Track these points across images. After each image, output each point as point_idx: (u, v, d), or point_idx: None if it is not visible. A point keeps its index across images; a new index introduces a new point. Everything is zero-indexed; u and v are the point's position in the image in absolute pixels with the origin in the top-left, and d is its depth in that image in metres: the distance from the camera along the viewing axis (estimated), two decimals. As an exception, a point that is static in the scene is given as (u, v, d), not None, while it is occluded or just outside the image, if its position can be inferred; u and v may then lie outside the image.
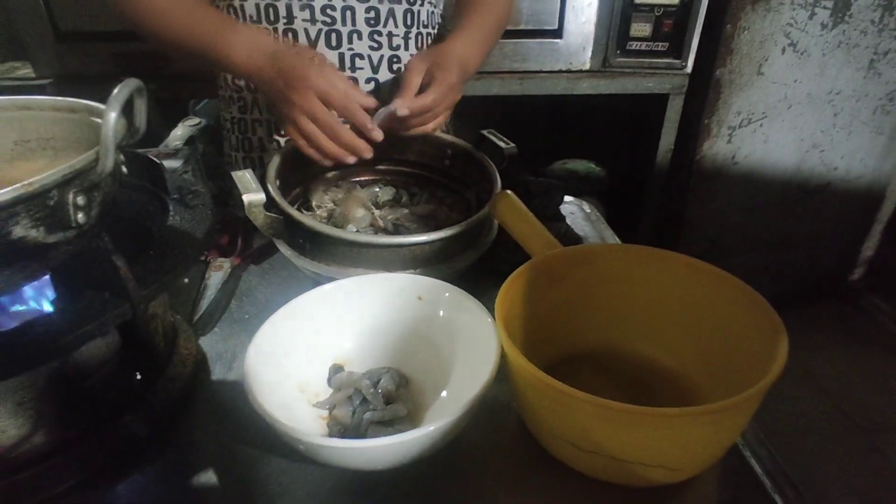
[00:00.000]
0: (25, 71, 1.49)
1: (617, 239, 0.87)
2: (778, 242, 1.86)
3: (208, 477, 0.48)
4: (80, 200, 0.41)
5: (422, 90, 0.71)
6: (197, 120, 1.48)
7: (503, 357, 0.45)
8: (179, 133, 1.43)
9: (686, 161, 1.61)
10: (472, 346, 0.50)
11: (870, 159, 1.75)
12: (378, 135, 0.69)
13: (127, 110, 0.44)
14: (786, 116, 1.60)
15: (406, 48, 0.86)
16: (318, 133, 0.67)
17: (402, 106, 0.69)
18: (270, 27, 0.80)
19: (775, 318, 0.45)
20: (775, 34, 1.45)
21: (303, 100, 0.65)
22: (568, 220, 0.85)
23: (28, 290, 0.43)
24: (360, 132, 0.69)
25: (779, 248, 1.87)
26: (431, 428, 0.40)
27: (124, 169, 0.48)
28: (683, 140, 1.58)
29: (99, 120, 0.50)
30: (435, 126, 0.75)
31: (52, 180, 0.38)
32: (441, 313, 0.54)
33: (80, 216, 0.41)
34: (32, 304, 0.43)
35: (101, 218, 0.44)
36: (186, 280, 0.70)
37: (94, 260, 0.41)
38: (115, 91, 0.41)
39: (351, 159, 0.69)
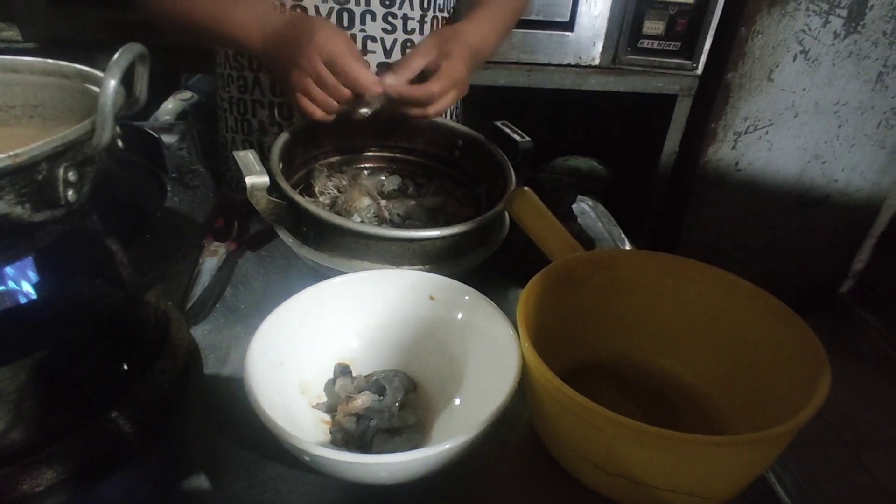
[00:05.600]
0: (9, 34, 1.42)
1: (627, 240, 0.85)
2: (772, 251, 1.85)
3: (199, 481, 0.44)
4: (72, 176, 0.37)
5: (424, 76, 0.67)
6: (189, 94, 1.41)
7: (523, 368, 0.43)
8: (170, 107, 1.37)
9: (690, 165, 1.59)
10: (488, 353, 0.47)
11: (869, 173, 1.74)
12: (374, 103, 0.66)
13: (125, 78, 0.40)
14: (791, 125, 1.58)
15: (421, 32, 0.82)
16: (326, 98, 0.65)
17: (389, 83, 0.65)
18: (277, 1, 0.76)
19: (815, 341, 0.42)
20: (788, 40, 1.44)
21: (313, 65, 0.63)
22: (578, 220, 0.82)
23: (10, 273, 0.38)
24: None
25: (773, 257, 1.87)
26: (449, 445, 0.37)
27: (120, 143, 0.43)
28: (688, 143, 1.56)
29: (93, 88, 0.46)
30: (435, 114, 0.71)
31: (42, 152, 0.34)
32: (458, 316, 0.51)
33: (71, 193, 0.37)
34: (15, 288, 0.39)
35: (94, 196, 0.40)
36: (178, 264, 0.66)
37: (85, 242, 0.37)
38: (116, 56, 0.37)
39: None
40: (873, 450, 1.53)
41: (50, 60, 0.47)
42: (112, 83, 0.35)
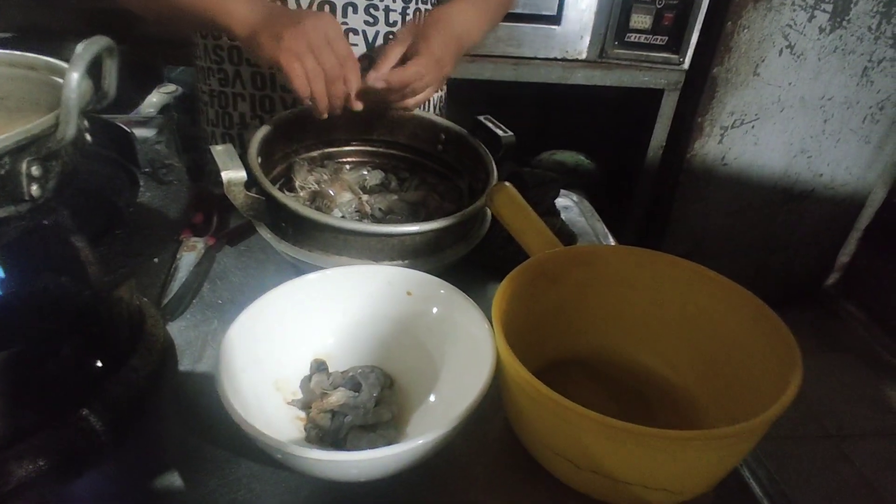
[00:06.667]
0: (-16, 24, 1.40)
1: (611, 236, 0.85)
2: (758, 246, 1.86)
3: (172, 479, 0.44)
4: (36, 171, 0.36)
5: (405, 62, 0.66)
6: (173, 87, 1.39)
7: (498, 364, 0.42)
8: (154, 100, 1.35)
9: (677, 159, 1.59)
10: (464, 349, 0.47)
11: (855, 168, 1.76)
12: (357, 106, 0.66)
13: (95, 72, 0.39)
14: (777, 119, 1.59)
15: (403, 24, 0.81)
16: (319, 71, 0.62)
17: (373, 79, 0.64)
18: None
19: (789, 336, 0.42)
20: (774, 35, 1.44)
21: (313, 34, 0.60)
22: (562, 215, 0.82)
23: (-29, 270, 0.38)
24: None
25: (758, 251, 1.88)
26: (421, 441, 0.37)
27: (88, 137, 0.43)
28: (675, 138, 1.56)
29: (60, 80, 0.45)
30: (416, 103, 0.71)
31: (4, 146, 0.33)
32: (433, 311, 0.50)
33: (35, 188, 0.36)
34: (-24, 286, 0.38)
35: (59, 191, 0.39)
36: (156, 259, 0.65)
37: (51, 238, 0.36)
38: (80, 49, 0.36)
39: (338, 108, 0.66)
40: (857, 442, 1.55)
41: (16, 52, 0.46)
42: (75, 76, 0.35)
